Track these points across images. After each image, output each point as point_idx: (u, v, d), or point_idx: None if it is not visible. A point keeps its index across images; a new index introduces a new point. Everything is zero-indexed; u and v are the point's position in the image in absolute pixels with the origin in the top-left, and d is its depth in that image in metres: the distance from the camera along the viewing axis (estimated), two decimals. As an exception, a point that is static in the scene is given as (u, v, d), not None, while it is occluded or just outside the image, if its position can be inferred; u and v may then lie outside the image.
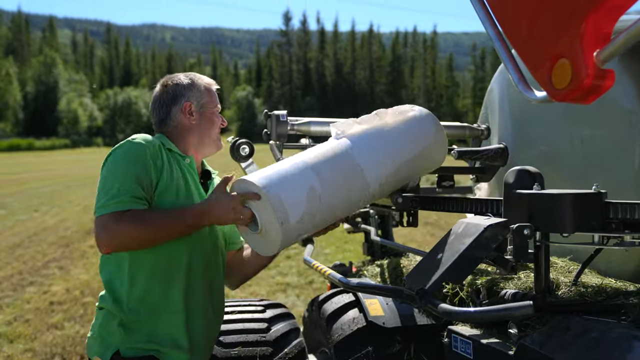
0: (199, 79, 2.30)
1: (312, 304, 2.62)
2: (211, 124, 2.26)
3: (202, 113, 2.25)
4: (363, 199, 2.04)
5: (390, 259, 2.73)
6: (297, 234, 1.90)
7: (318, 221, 1.92)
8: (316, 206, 1.86)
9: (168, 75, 2.33)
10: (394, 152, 2.08)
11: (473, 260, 1.61)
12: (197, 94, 2.25)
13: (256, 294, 6.62)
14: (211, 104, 2.27)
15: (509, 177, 1.78)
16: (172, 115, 2.23)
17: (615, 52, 1.14)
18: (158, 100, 2.27)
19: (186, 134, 2.22)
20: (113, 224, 1.91)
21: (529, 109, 2.57)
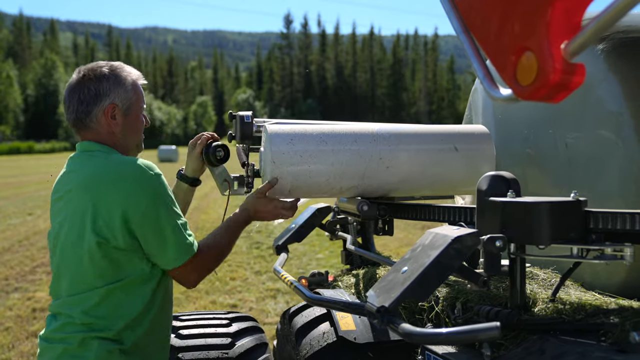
0: (126, 74, 1.97)
1: (283, 316, 2.48)
2: (135, 129, 2.00)
3: (127, 116, 1.96)
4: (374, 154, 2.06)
5: (367, 268, 2.59)
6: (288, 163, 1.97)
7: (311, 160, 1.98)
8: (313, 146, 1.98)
9: (90, 65, 1.97)
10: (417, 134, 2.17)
11: (439, 276, 1.47)
12: (122, 93, 1.93)
13: (245, 299, 6.48)
14: (137, 105, 1.99)
15: (482, 183, 1.64)
16: (93, 116, 1.91)
17: (586, 44, 1.00)
18: (76, 95, 1.92)
19: (113, 140, 1.95)
20: (201, 264, 1.91)
21: (513, 110, 2.43)
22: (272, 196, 2.08)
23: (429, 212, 1.92)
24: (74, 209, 1.83)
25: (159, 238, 1.81)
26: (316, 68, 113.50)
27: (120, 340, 1.81)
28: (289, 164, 1.98)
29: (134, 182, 1.79)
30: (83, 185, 1.83)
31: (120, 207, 1.76)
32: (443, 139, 2.20)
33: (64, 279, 1.85)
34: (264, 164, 2.04)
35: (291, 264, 8.24)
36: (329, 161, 2.02)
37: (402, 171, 2.10)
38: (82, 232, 1.78)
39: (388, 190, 2.15)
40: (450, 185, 2.20)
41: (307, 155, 2.00)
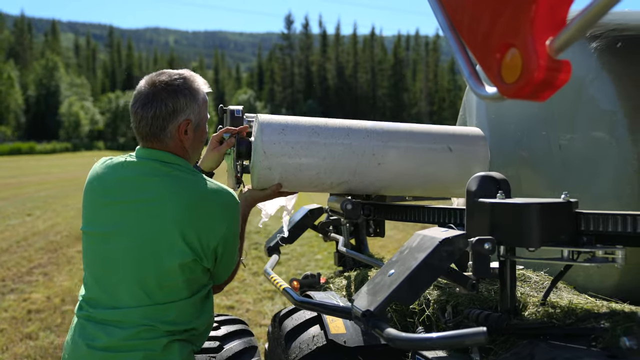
0: (197, 86, 1.92)
1: (274, 319, 2.44)
2: (201, 142, 1.97)
3: (197, 131, 1.93)
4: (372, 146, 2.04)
5: (360, 270, 2.55)
6: (279, 155, 1.97)
7: (305, 152, 1.97)
8: (306, 137, 1.98)
9: (160, 73, 1.91)
10: (411, 132, 2.15)
11: (426, 278, 1.44)
12: (196, 109, 1.89)
13: (242, 301, 6.45)
14: (204, 120, 1.96)
15: (472, 184, 1.60)
16: (168, 132, 1.86)
17: (571, 40, 0.97)
18: (152, 110, 1.84)
19: (181, 152, 1.91)
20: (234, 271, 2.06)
21: (506, 111, 2.40)
22: (265, 186, 2.08)
23: (417, 213, 1.88)
24: (161, 221, 1.79)
25: (230, 262, 1.96)
26: (317, 68, 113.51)
27: (194, 342, 1.91)
28: (279, 155, 1.96)
29: (235, 212, 1.89)
30: (180, 202, 1.79)
31: (222, 234, 1.84)
32: (437, 139, 2.17)
33: (127, 288, 1.80)
34: (253, 155, 2.01)
35: (289, 264, 8.21)
36: (321, 154, 1.99)
37: (393, 169, 2.07)
38: (172, 246, 1.78)
39: (379, 187, 2.12)
40: (442, 186, 2.17)
41: (299, 146, 1.98)
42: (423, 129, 2.21)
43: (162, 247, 1.78)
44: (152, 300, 1.80)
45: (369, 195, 2.20)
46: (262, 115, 2.00)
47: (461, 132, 2.24)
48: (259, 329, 5.49)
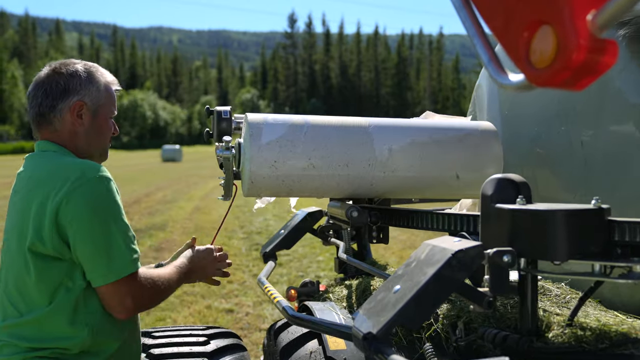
0: (100, 74, 1.86)
1: (269, 332, 2.26)
2: (101, 133, 1.85)
3: (95, 118, 1.82)
4: (368, 157, 1.85)
5: (362, 278, 2.37)
6: (271, 159, 1.78)
7: (301, 156, 1.80)
8: (298, 137, 1.79)
9: (62, 61, 1.87)
10: (415, 130, 1.96)
11: (437, 297, 1.25)
12: (94, 92, 1.81)
13: (242, 304, 6.28)
14: (107, 108, 1.86)
15: (487, 188, 1.41)
16: (57, 112, 1.77)
17: (619, 14, 0.79)
18: (42, 88, 1.78)
19: (76, 141, 1.81)
20: (140, 291, 1.69)
21: (522, 105, 2.21)
22: (256, 195, 1.88)
23: (426, 219, 1.70)
24: (25, 216, 1.68)
25: (92, 247, 1.63)
26: (320, 67, 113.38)
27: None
28: (267, 151, 1.77)
29: (69, 183, 1.63)
30: (27, 187, 1.71)
31: (54, 210, 1.62)
32: (445, 136, 1.98)
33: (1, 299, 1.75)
34: (243, 159, 1.83)
35: (291, 266, 8.03)
36: (319, 155, 1.81)
37: (397, 170, 1.88)
38: (24, 237, 1.66)
39: (384, 191, 1.93)
40: (451, 187, 1.98)
41: (293, 147, 1.79)
42: (427, 124, 2.01)
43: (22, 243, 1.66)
44: (19, 313, 1.68)
45: (371, 198, 2.02)
46: (251, 115, 1.81)
47: (470, 126, 2.06)
48: (258, 334, 5.32)
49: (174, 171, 30.52)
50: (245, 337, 5.21)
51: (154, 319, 5.75)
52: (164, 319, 5.74)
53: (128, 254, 1.66)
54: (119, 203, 1.70)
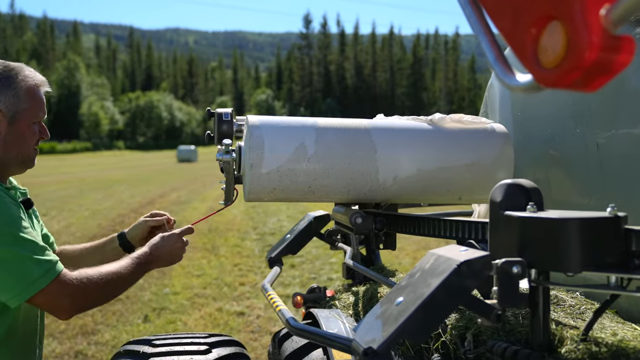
0: (21, 78, 1.76)
1: (273, 340, 2.20)
2: (21, 140, 1.77)
3: (12, 124, 1.74)
4: (370, 186, 1.78)
5: (369, 285, 2.30)
6: (271, 187, 1.72)
7: (301, 185, 1.72)
8: (301, 166, 1.70)
9: None
10: (423, 151, 1.84)
11: (441, 311, 1.18)
12: (10, 98, 1.72)
13: (253, 307, 6.23)
14: (29, 113, 1.77)
15: (496, 194, 1.34)
16: None
17: (635, 7, 0.72)
18: None
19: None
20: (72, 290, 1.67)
21: (535, 106, 2.13)
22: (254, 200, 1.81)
23: (433, 226, 1.63)
24: None
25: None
26: (335, 68, 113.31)
27: None
28: (266, 181, 1.71)
29: None
30: None
31: None
32: (453, 138, 1.90)
33: None
34: (244, 163, 1.77)
35: (303, 268, 7.98)
36: (322, 160, 1.74)
37: (402, 173, 1.81)
38: None
39: (390, 196, 1.87)
40: (459, 192, 1.91)
41: (296, 152, 1.72)
42: (439, 146, 1.93)
43: None
44: None
45: (378, 203, 1.96)
46: (252, 117, 1.75)
47: (480, 128, 1.98)
48: (269, 337, 5.26)
49: (189, 172, 30.60)
50: (256, 341, 5.17)
51: (165, 321, 5.73)
52: (175, 321, 5.72)
53: (36, 269, 1.61)
54: (12, 219, 1.64)
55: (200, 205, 15.23)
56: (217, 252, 9.13)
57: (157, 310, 6.10)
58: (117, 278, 1.77)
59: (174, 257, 1.97)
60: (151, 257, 1.90)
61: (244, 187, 1.80)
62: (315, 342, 1.72)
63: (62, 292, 1.65)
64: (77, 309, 1.72)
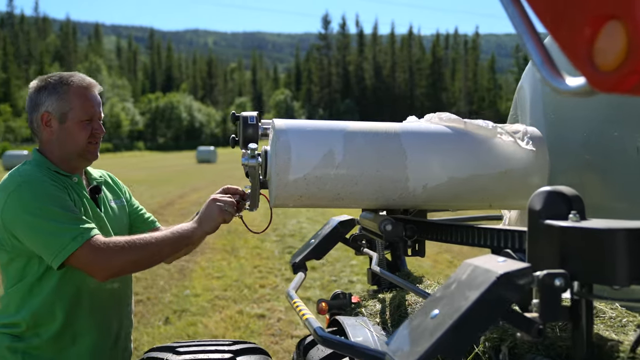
0: (69, 82, 2.05)
1: (298, 347, 2.16)
2: (72, 136, 2.04)
3: (63, 124, 2.04)
4: (399, 193, 1.73)
5: (395, 292, 2.25)
6: (297, 194, 1.67)
7: (328, 192, 1.68)
8: (328, 173, 1.65)
9: (42, 76, 2.13)
10: (454, 158, 1.78)
11: (479, 326, 1.13)
12: (57, 102, 2.03)
13: (274, 309, 6.20)
14: (77, 113, 2.04)
15: (535, 202, 1.28)
16: (34, 123, 2.09)
17: None
18: (27, 103, 2.12)
19: (51, 148, 2.07)
20: (102, 253, 1.91)
21: (568, 108, 2.06)
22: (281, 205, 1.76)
23: (467, 234, 1.57)
24: None
25: (32, 238, 1.91)
26: (354, 68, 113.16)
27: (25, 340, 1.99)
28: (292, 188, 1.66)
29: (6, 190, 1.94)
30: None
31: (1, 213, 1.93)
32: (484, 142, 1.84)
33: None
34: (270, 168, 1.72)
35: (324, 270, 7.94)
36: (351, 165, 1.68)
37: (433, 180, 1.75)
38: None
39: (420, 202, 1.81)
40: (492, 197, 1.84)
41: (324, 157, 1.67)
42: (464, 130, 1.87)
43: None
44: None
45: (406, 209, 1.90)
46: (278, 121, 1.70)
47: (513, 131, 1.91)
48: (290, 340, 5.23)
49: (209, 172, 30.75)
50: (277, 344, 5.13)
51: (185, 323, 5.73)
52: (195, 324, 5.71)
53: (69, 232, 1.88)
54: (45, 196, 1.92)
55: (219, 206, 15.27)
56: (236, 254, 9.13)
57: (177, 312, 6.11)
58: (148, 245, 1.95)
59: (215, 225, 2.01)
60: (193, 228, 2.01)
61: (270, 193, 1.76)
62: (343, 354, 1.66)
63: (92, 256, 1.89)
64: (109, 270, 1.95)
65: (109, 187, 2.32)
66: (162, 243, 1.97)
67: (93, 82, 2.12)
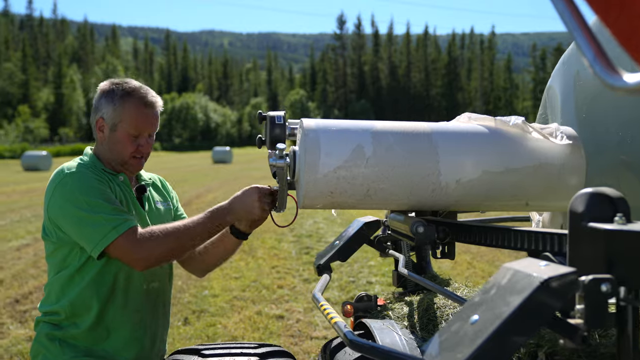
0: (129, 96, 2.12)
1: (324, 350, 2.13)
2: (118, 146, 2.13)
3: (113, 132, 2.13)
4: (432, 189, 1.68)
5: (423, 294, 2.21)
6: (327, 191, 1.63)
7: (359, 188, 1.63)
8: (358, 167, 1.62)
9: (122, 79, 2.22)
10: (487, 151, 1.74)
11: (523, 332, 1.09)
12: (110, 111, 2.11)
13: (292, 310, 6.18)
14: (126, 126, 2.11)
15: (577, 204, 1.24)
16: (92, 124, 2.19)
17: None
18: (93, 102, 2.22)
19: (102, 150, 2.17)
20: (140, 243, 1.97)
21: (602, 108, 2.00)
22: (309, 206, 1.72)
23: (503, 236, 1.52)
24: None
25: (75, 228, 1.99)
26: (370, 68, 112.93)
27: (64, 328, 2.08)
28: (323, 183, 1.62)
29: (53, 183, 2.05)
30: None
31: (47, 204, 2.05)
32: (520, 142, 1.79)
33: None
34: (298, 169, 1.69)
35: (341, 271, 7.89)
36: (382, 165, 1.64)
37: (462, 200, 1.71)
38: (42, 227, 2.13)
39: (450, 203, 1.77)
40: (526, 199, 1.79)
41: (354, 156, 1.63)
42: (498, 130, 1.82)
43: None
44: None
45: (435, 211, 1.86)
46: (307, 120, 1.67)
47: (549, 132, 1.86)
48: (309, 342, 5.20)
49: (225, 172, 30.85)
50: (296, 345, 5.11)
51: (205, 324, 5.72)
52: (214, 324, 5.70)
53: (110, 222, 1.95)
54: (88, 188, 2.00)
55: (236, 207, 15.28)
56: (254, 254, 9.12)
57: (196, 312, 6.10)
58: (182, 231, 2.00)
59: (249, 210, 2.00)
60: (227, 209, 2.03)
61: (298, 193, 1.72)
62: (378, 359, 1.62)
63: (131, 244, 1.96)
64: (148, 260, 1.99)
65: (157, 190, 2.39)
66: (197, 228, 2.01)
67: (153, 101, 2.16)
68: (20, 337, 5.39)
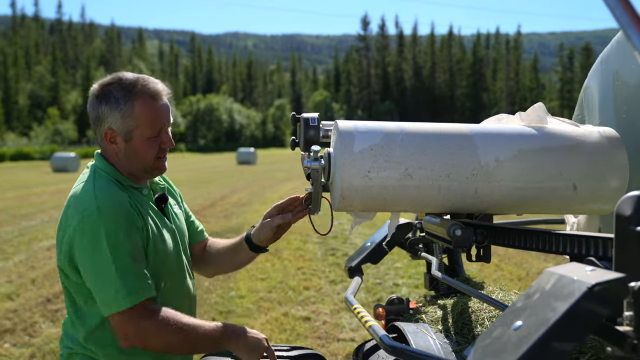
0: (133, 95, 1.83)
1: (356, 354, 2.11)
2: (140, 154, 1.87)
3: (129, 141, 1.86)
4: (471, 169, 1.63)
5: (456, 297, 2.18)
6: (365, 170, 1.59)
7: (396, 164, 1.59)
8: (394, 144, 1.61)
9: (112, 76, 1.89)
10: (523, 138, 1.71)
11: (570, 340, 1.05)
12: (122, 120, 1.83)
13: (319, 312, 6.17)
14: (143, 130, 1.85)
15: (625, 207, 1.20)
16: (99, 136, 1.91)
17: None
18: (89, 110, 1.91)
19: (118, 161, 1.91)
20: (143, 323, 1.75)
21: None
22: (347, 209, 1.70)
23: (544, 240, 1.49)
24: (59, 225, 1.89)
25: (91, 278, 1.76)
26: (394, 69, 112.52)
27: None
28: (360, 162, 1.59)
29: (77, 211, 1.77)
30: (66, 204, 1.87)
31: (68, 238, 1.78)
32: (556, 142, 1.74)
33: None
34: (334, 171, 1.67)
35: (368, 272, 7.85)
36: (422, 168, 1.61)
37: (504, 180, 1.67)
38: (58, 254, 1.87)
39: (486, 206, 1.73)
40: (566, 201, 1.75)
41: (392, 160, 1.60)
42: (537, 131, 1.78)
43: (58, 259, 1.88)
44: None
45: (471, 213, 1.83)
46: (342, 122, 1.65)
47: (588, 132, 1.81)
48: (336, 344, 5.18)
49: (249, 173, 30.98)
50: (323, 347, 5.09)
51: (232, 324, 5.75)
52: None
53: (125, 288, 1.71)
54: (117, 238, 1.74)
55: (261, 208, 15.32)
56: (280, 255, 9.13)
57: (223, 313, 6.13)
58: (191, 336, 1.78)
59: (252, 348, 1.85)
60: (233, 335, 1.85)
61: (333, 195, 1.71)
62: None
63: (134, 321, 1.73)
64: (141, 342, 1.77)
65: (169, 192, 2.15)
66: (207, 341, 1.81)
67: (160, 89, 1.90)
68: (52, 336, 5.47)
